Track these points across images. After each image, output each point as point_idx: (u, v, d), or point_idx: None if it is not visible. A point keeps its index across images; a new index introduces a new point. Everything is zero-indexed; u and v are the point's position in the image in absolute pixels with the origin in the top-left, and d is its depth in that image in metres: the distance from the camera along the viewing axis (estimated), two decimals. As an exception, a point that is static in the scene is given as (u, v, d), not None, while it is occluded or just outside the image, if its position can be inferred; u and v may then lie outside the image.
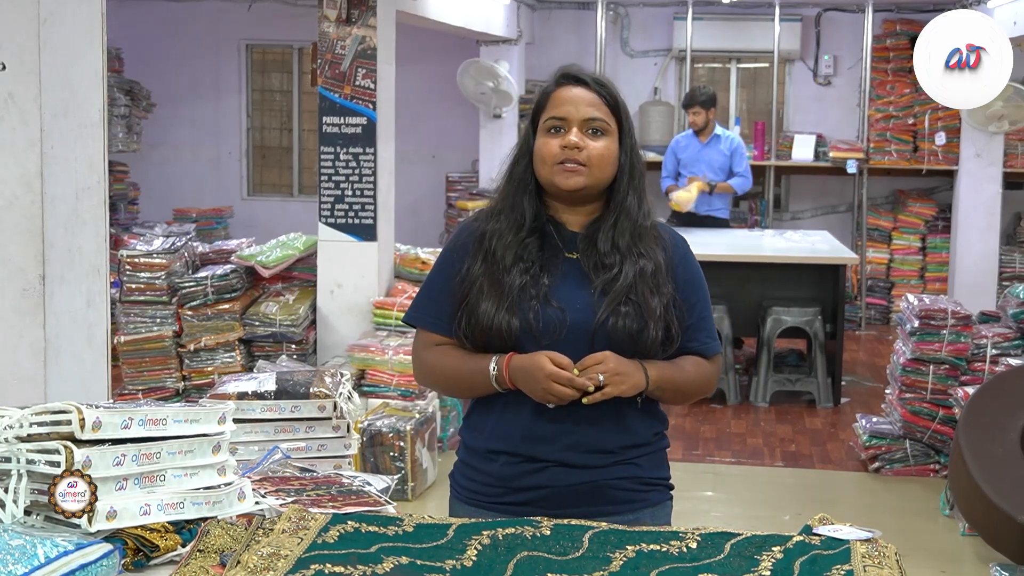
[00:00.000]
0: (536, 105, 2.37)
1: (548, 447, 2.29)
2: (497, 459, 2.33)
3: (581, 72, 2.34)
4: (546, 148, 2.30)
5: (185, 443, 2.06)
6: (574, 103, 2.29)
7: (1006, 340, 5.76)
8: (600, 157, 2.29)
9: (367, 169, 6.14)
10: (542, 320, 2.26)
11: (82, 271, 3.19)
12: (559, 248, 2.33)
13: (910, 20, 9.88)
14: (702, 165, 8.43)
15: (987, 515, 4.51)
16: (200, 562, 1.90)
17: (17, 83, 2.97)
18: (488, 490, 2.33)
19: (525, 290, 2.27)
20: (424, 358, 2.41)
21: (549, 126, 2.31)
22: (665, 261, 2.33)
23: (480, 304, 2.28)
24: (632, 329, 2.26)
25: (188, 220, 9.77)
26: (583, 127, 2.29)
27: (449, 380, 2.39)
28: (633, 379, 2.25)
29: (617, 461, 2.32)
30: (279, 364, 5.50)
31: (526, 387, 2.25)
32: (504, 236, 2.31)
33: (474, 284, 2.30)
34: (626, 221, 2.32)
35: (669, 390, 2.33)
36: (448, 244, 2.44)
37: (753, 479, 5.99)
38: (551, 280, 2.29)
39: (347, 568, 1.86)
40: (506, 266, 2.29)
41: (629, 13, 10.59)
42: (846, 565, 1.92)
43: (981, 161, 9.38)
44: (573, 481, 2.29)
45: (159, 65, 10.42)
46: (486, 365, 2.28)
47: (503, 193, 2.37)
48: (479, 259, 2.32)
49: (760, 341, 7.33)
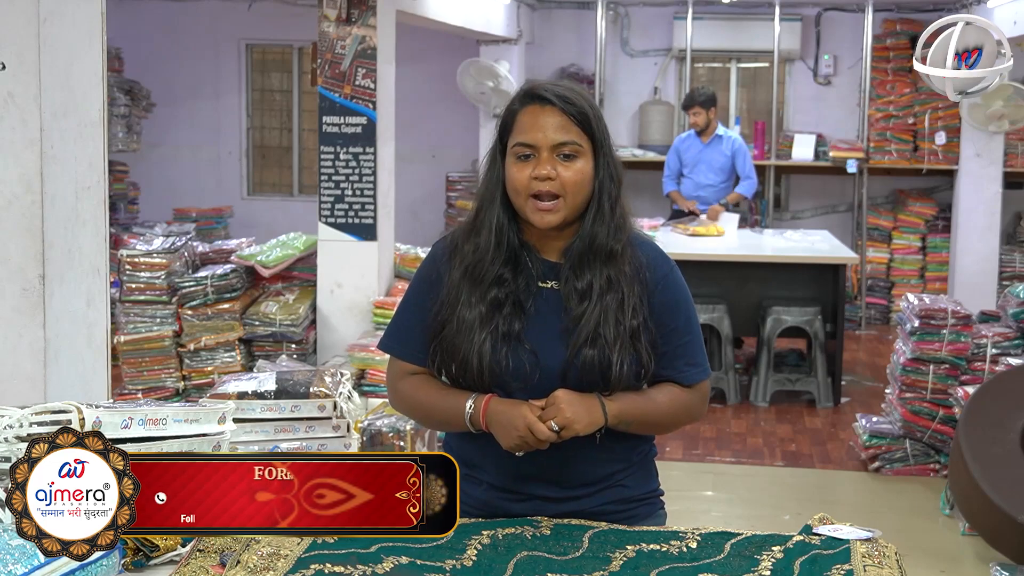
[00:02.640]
0: (502, 124, 2.23)
1: (530, 484, 2.23)
2: (480, 484, 2.27)
3: (545, 90, 2.18)
4: (517, 178, 2.17)
5: (185, 443, 2.06)
6: (541, 128, 2.15)
7: (1006, 340, 5.76)
8: (574, 184, 2.16)
9: (367, 169, 6.14)
10: (512, 363, 2.18)
11: (82, 271, 3.19)
12: (533, 277, 2.23)
13: (910, 20, 9.88)
14: (703, 166, 8.43)
15: (987, 515, 4.51)
16: (200, 562, 1.90)
17: (17, 83, 2.97)
18: (474, 512, 2.25)
19: (498, 331, 2.18)
20: (399, 388, 2.33)
21: (517, 153, 2.17)
22: (637, 283, 2.21)
23: (455, 340, 2.20)
24: (600, 363, 2.16)
25: (188, 220, 9.76)
26: (553, 152, 2.16)
27: (425, 413, 2.31)
28: (587, 419, 2.14)
29: (602, 488, 2.26)
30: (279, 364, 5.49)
31: (500, 432, 2.16)
32: (480, 268, 2.21)
33: (449, 318, 2.22)
34: (599, 244, 2.20)
35: (635, 422, 2.22)
36: (421, 271, 2.33)
37: (753, 479, 5.99)
38: (525, 319, 2.20)
39: (347, 568, 1.86)
40: (481, 305, 2.19)
41: (629, 13, 10.59)
42: (846, 565, 1.92)
43: (981, 161, 9.38)
44: (559, 511, 2.22)
45: (159, 65, 10.42)
46: (462, 404, 2.20)
47: (476, 215, 2.26)
48: (453, 292, 2.22)
49: (760, 341, 7.33)
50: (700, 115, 8.35)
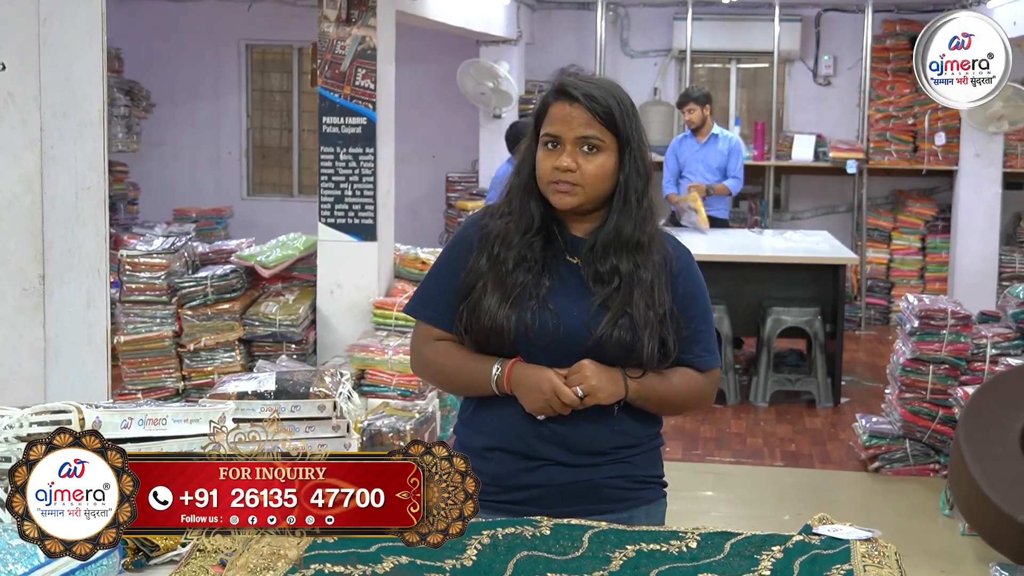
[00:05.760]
0: (537, 112, 2.37)
1: (544, 445, 2.31)
2: (492, 456, 2.34)
3: (575, 87, 2.30)
4: (543, 166, 2.30)
5: (185, 443, 2.06)
6: (567, 122, 2.28)
7: (1006, 340, 5.77)
8: (594, 176, 2.28)
9: (367, 169, 6.14)
10: (538, 322, 2.28)
11: (82, 271, 3.19)
12: (562, 250, 2.34)
13: (910, 20, 9.89)
14: (700, 165, 8.42)
15: (987, 515, 4.51)
16: (200, 562, 1.90)
17: (17, 83, 2.97)
18: (483, 488, 2.32)
19: (526, 289, 2.29)
20: (423, 352, 2.42)
21: (545, 141, 2.31)
22: (664, 272, 2.33)
23: (483, 300, 2.29)
24: (626, 341, 2.26)
25: (188, 220, 9.77)
26: (577, 144, 2.28)
27: (448, 377, 2.41)
28: (610, 389, 2.27)
29: (611, 460, 2.34)
30: (279, 364, 5.51)
31: (525, 396, 2.27)
32: (510, 235, 2.32)
33: (478, 280, 2.32)
34: (626, 235, 2.31)
35: (652, 400, 2.33)
36: (453, 239, 2.44)
37: (753, 479, 5.99)
38: (551, 283, 2.31)
39: (347, 568, 1.86)
40: (509, 266, 2.30)
41: (629, 13, 10.59)
42: (846, 565, 1.92)
43: (981, 161, 9.38)
44: (567, 480, 2.31)
45: (159, 65, 10.42)
46: (488, 368, 2.30)
47: (510, 193, 2.38)
48: (484, 256, 2.33)
49: (760, 341, 7.34)
50: (695, 112, 8.33)
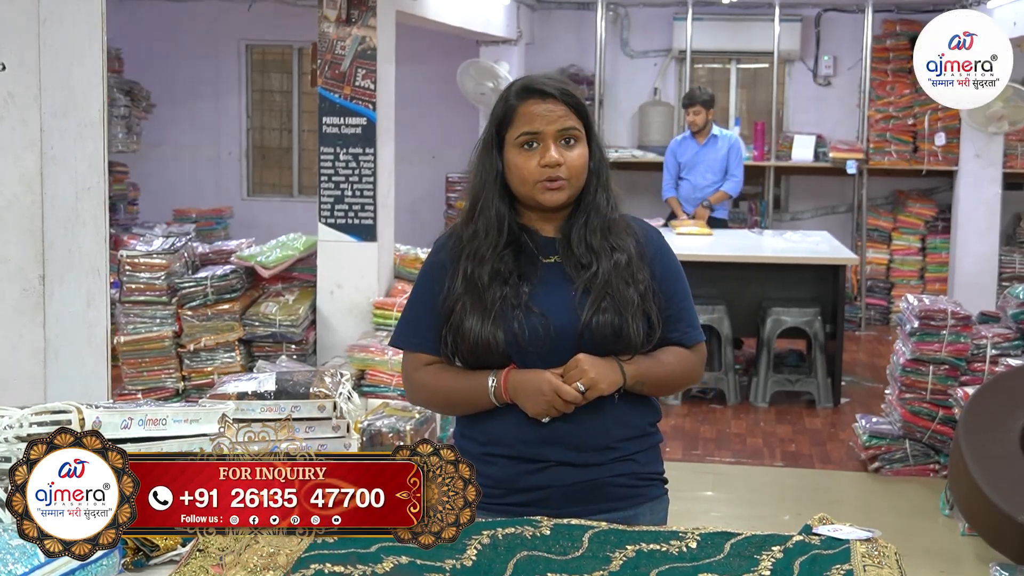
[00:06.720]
0: (498, 120, 2.35)
1: (549, 448, 2.31)
2: (495, 462, 2.34)
3: (544, 84, 2.32)
4: (525, 167, 2.30)
5: (185, 443, 2.06)
6: (545, 117, 2.29)
7: (1006, 340, 5.77)
8: (578, 167, 2.31)
9: (367, 169, 6.14)
10: (527, 329, 2.28)
11: (82, 271, 3.19)
12: (535, 255, 2.35)
13: (910, 20, 9.88)
14: (701, 167, 8.42)
15: (987, 515, 4.51)
16: (200, 562, 1.90)
17: (17, 83, 2.97)
18: (487, 491, 2.32)
19: (507, 301, 2.29)
20: (416, 379, 2.42)
21: (522, 142, 2.30)
22: (639, 252, 2.35)
23: (464, 321, 2.30)
24: (613, 324, 2.28)
25: (188, 220, 9.76)
26: (558, 139, 2.30)
27: (446, 397, 2.40)
28: (610, 378, 2.28)
29: (616, 458, 2.34)
30: (279, 364, 5.51)
31: (526, 401, 2.27)
32: (481, 250, 2.32)
33: (457, 302, 2.32)
34: (596, 218, 2.34)
35: (649, 382, 2.35)
36: (425, 267, 2.44)
37: (753, 479, 5.99)
38: (531, 288, 2.31)
39: (347, 568, 1.86)
40: (485, 281, 2.30)
41: (629, 13, 10.59)
42: (846, 565, 1.92)
43: (981, 162, 9.38)
44: (573, 480, 2.31)
45: (159, 65, 10.42)
46: (483, 382, 2.31)
47: (473, 210, 2.37)
48: (459, 277, 2.33)
49: (760, 341, 7.34)
50: (700, 114, 8.34)
